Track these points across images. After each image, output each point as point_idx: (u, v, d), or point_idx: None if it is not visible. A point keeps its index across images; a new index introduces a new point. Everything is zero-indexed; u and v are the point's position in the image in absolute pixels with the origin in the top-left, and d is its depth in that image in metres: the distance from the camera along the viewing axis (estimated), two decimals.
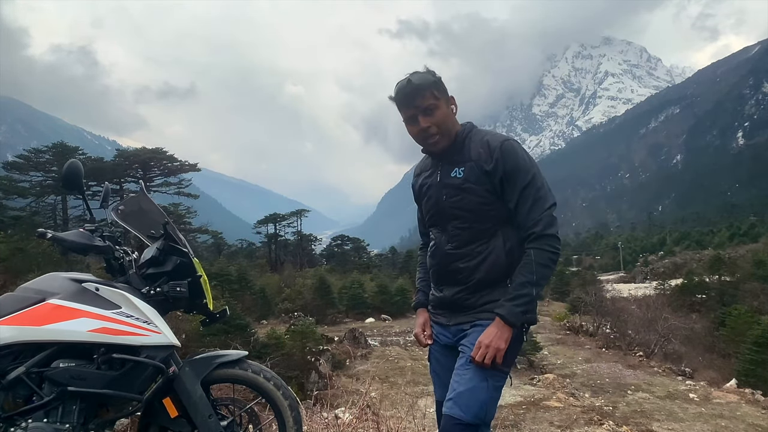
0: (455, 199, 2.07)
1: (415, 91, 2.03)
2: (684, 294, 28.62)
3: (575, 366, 13.92)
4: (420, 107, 2.03)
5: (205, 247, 38.36)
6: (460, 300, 2.09)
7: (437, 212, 2.15)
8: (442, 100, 2.06)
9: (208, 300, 2.25)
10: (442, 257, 2.14)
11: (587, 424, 6.87)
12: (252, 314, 18.66)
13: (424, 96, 2.03)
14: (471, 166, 2.06)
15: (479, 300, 2.06)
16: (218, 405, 2.24)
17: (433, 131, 2.05)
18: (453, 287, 2.11)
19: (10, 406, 1.94)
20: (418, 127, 2.06)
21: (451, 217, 2.10)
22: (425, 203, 2.22)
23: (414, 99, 2.03)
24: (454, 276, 2.10)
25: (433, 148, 2.10)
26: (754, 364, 13.96)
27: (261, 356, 10.35)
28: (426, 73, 2.07)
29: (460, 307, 2.10)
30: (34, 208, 27.48)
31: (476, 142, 2.09)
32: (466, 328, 2.07)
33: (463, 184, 2.05)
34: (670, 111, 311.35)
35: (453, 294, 2.11)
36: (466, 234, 2.07)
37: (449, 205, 2.09)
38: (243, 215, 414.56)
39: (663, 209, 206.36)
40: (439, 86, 2.07)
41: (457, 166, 2.08)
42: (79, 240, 2.09)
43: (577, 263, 65.94)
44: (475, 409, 1.92)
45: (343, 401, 4.67)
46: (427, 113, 2.04)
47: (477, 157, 2.06)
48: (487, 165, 2.03)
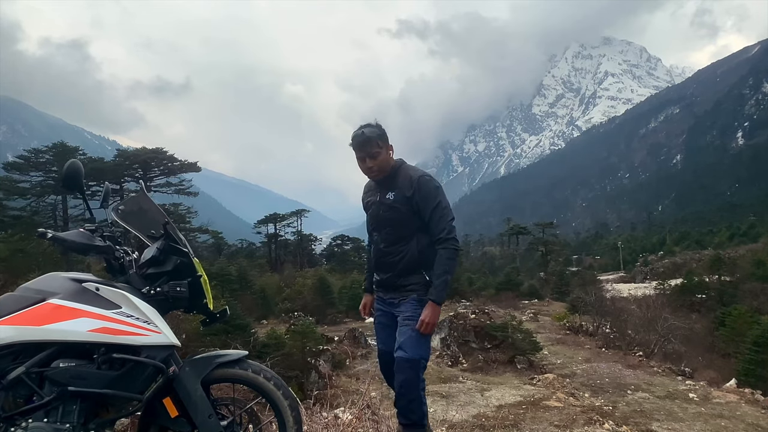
0: (387, 214, 2.99)
1: (366, 141, 2.91)
2: (684, 294, 28.63)
3: (575, 366, 13.92)
4: (368, 152, 2.93)
5: (206, 246, 38.38)
6: (390, 281, 3.06)
7: (376, 221, 3.08)
8: (384, 147, 2.94)
9: (208, 300, 2.25)
10: (378, 252, 3.09)
11: (587, 424, 6.87)
12: (252, 314, 18.67)
13: (371, 144, 2.92)
14: (398, 192, 2.97)
15: (403, 282, 3.01)
16: (218, 405, 2.24)
17: (375, 169, 2.97)
18: (386, 273, 3.07)
19: (10, 405, 1.95)
20: (366, 166, 2.98)
21: (384, 225, 3.03)
22: (370, 215, 3.13)
23: (364, 147, 2.92)
24: (386, 265, 3.05)
25: (374, 178, 3.05)
26: (754, 363, 13.97)
27: (261, 356, 10.35)
28: (375, 128, 2.93)
29: (391, 286, 3.07)
30: (34, 208, 27.49)
31: (403, 176, 2.99)
32: (395, 302, 3.05)
33: (393, 204, 2.98)
34: (669, 111, 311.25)
35: (386, 278, 3.07)
36: (392, 237, 3.01)
37: (384, 217, 3.01)
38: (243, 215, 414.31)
39: (663, 209, 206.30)
40: (383, 137, 2.94)
41: (390, 190, 3.00)
42: (79, 240, 2.09)
43: (577, 263, 65.88)
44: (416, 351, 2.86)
45: (342, 401, 4.67)
46: (372, 156, 2.94)
47: (402, 186, 2.97)
48: (408, 192, 2.95)
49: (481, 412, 8.08)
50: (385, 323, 3.15)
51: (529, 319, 21.86)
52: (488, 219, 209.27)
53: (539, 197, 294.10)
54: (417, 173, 3.00)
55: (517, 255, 61.57)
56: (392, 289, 3.06)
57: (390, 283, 3.05)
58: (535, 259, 54.82)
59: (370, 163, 2.93)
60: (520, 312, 23.41)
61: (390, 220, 2.98)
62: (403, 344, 2.89)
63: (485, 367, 13.56)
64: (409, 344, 2.88)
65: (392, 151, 3.02)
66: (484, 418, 7.37)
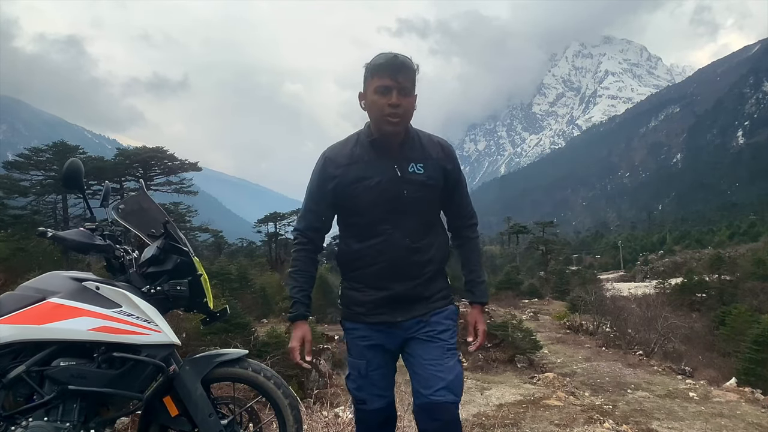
0: (417, 194, 2.08)
1: (402, 67, 2.01)
2: (684, 293, 28.62)
3: (575, 365, 13.92)
4: (402, 84, 2.00)
5: (206, 245, 38.37)
6: (415, 294, 2.11)
7: (393, 207, 2.07)
8: (414, 91, 2.07)
9: (208, 299, 2.25)
10: (399, 252, 2.08)
11: (587, 423, 6.87)
12: (252, 313, 18.65)
13: (407, 76, 2.02)
14: (432, 163, 2.12)
15: (430, 291, 2.14)
16: (218, 404, 2.24)
17: (400, 112, 2.02)
18: (407, 282, 2.10)
19: (10, 404, 1.95)
20: (389, 100, 2.00)
21: (409, 212, 2.08)
22: (369, 196, 2.07)
23: (398, 73, 2.00)
24: (410, 270, 2.10)
25: (391, 128, 2.04)
26: (754, 362, 13.98)
27: (261, 355, 10.34)
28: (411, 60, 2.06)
29: (415, 300, 2.11)
30: (34, 207, 27.46)
31: (428, 141, 2.17)
32: (424, 319, 2.12)
33: (427, 181, 2.09)
34: (670, 110, 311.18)
35: (408, 288, 2.10)
36: (423, 228, 2.13)
37: (411, 199, 2.07)
38: (243, 214, 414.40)
39: (663, 208, 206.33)
40: (415, 78, 2.06)
41: (414, 162, 2.10)
42: (79, 239, 2.09)
43: (577, 262, 65.89)
44: (461, 389, 2.11)
45: (342, 400, 4.68)
46: (403, 93, 2.01)
47: (437, 155, 2.15)
48: (448, 164, 2.17)
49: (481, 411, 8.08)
50: (381, 363, 2.17)
51: (529, 318, 21.85)
52: (488, 218, 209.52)
53: (539, 196, 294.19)
54: (443, 140, 2.25)
55: (517, 254, 61.51)
56: (415, 302, 2.12)
57: (412, 296, 2.11)
58: (535, 258, 54.80)
59: (399, 100, 2.01)
60: (520, 311, 23.40)
61: (420, 203, 2.10)
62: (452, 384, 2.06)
63: (485, 366, 13.55)
64: (458, 383, 2.09)
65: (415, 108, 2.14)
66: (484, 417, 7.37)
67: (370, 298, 2.13)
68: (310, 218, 2.20)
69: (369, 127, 2.14)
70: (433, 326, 2.12)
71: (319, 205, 2.19)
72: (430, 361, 2.08)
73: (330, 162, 2.15)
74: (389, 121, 2.03)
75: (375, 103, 2.03)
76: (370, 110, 2.08)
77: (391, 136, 2.08)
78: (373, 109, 2.06)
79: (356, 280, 2.17)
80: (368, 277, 2.12)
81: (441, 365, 2.07)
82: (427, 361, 2.08)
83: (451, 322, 2.17)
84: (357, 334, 2.18)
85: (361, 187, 2.08)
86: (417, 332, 2.12)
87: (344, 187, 2.10)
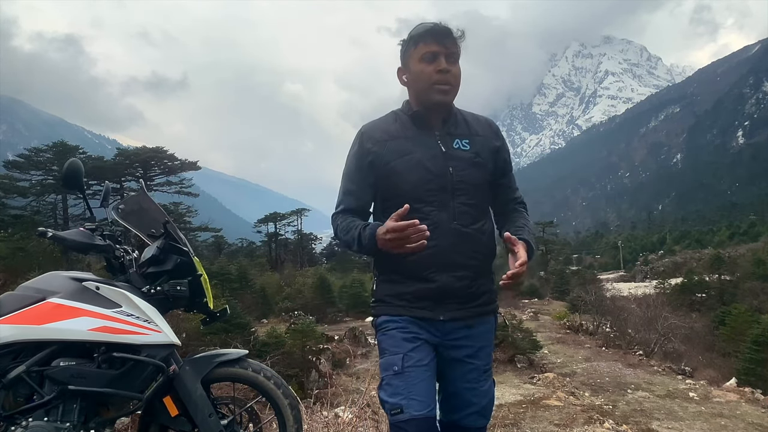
0: (465, 172, 1.90)
1: (448, 32, 1.86)
2: (684, 293, 28.65)
3: (575, 365, 13.92)
4: (449, 49, 1.85)
5: (206, 246, 38.36)
6: (461, 288, 1.87)
7: (439, 186, 1.87)
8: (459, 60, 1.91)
9: (208, 299, 2.25)
10: (445, 237, 1.84)
11: (587, 423, 6.87)
12: (252, 313, 18.66)
13: (455, 42, 1.87)
14: (480, 140, 1.96)
15: (479, 288, 1.92)
16: (218, 404, 2.24)
17: (451, 79, 1.87)
18: (454, 272, 1.86)
19: (10, 404, 1.95)
20: (438, 66, 1.84)
21: (457, 192, 1.88)
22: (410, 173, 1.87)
23: (446, 38, 1.85)
24: (458, 259, 1.86)
25: (441, 97, 1.87)
26: (754, 363, 13.98)
27: (261, 355, 10.34)
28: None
29: (460, 296, 1.88)
30: (34, 207, 27.46)
31: (473, 119, 2.02)
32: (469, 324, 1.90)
33: (474, 158, 1.92)
34: (670, 110, 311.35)
35: (454, 280, 1.86)
36: (472, 211, 1.90)
37: (457, 178, 1.88)
38: (243, 214, 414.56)
39: (663, 208, 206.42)
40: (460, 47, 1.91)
41: (459, 138, 1.94)
42: (79, 239, 2.09)
43: (577, 262, 65.92)
44: (492, 410, 1.98)
45: (343, 400, 4.68)
46: (452, 60, 1.87)
47: (484, 133, 1.99)
48: (496, 142, 2.01)
49: None
50: (422, 359, 1.84)
51: (529, 318, 21.85)
52: None
53: (539, 196, 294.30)
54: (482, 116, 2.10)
55: None
56: (459, 300, 1.89)
57: (460, 290, 1.88)
58: (535, 258, 54.80)
59: (449, 65, 1.85)
60: (520, 311, 23.41)
61: (468, 182, 1.90)
62: (485, 409, 1.95)
63: None
64: (490, 405, 1.98)
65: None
66: None
67: (411, 289, 1.88)
68: (349, 201, 1.98)
69: (408, 103, 2.00)
70: (474, 340, 1.92)
71: (358, 184, 1.97)
72: (465, 385, 1.93)
73: (367, 137, 1.96)
74: (439, 89, 1.87)
75: (422, 72, 1.87)
76: (415, 82, 1.91)
77: (441, 106, 1.92)
78: (419, 80, 1.89)
79: (395, 271, 1.91)
80: (410, 267, 1.86)
81: (476, 390, 1.93)
82: (462, 384, 1.93)
83: (491, 336, 2.01)
84: (394, 326, 1.88)
85: (402, 162, 1.88)
86: (456, 343, 1.90)
87: (383, 164, 1.90)
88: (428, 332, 1.88)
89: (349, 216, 1.95)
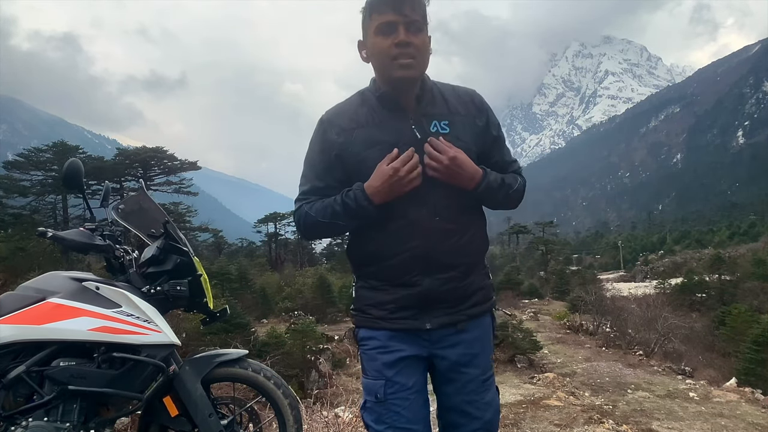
0: None
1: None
2: (684, 293, 28.64)
3: (575, 365, 13.92)
4: (408, 18, 1.58)
5: (206, 245, 38.38)
6: (448, 291, 1.66)
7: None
8: (426, 28, 1.65)
9: (208, 299, 2.25)
10: (427, 236, 1.62)
11: (587, 423, 6.87)
12: (252, 313, 18.68)
13: (415, 8, 1.60)
14: (461, 120, 1.69)
15: (470, 287, 1.70)
16: (218, 404, 2.24)
17: (412, 51, 1.59)
18: (440, 273, 1.65)
19: (10, 404, 1.95)
20: (396, 39, 1.58)
21: (437, 184, 1.62)
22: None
23: (403, 5, 1.58)
24: (444, 258, 1.64)
25: (402, 72, 1.60)
26: (754, 363, 13.98)
27: (261, 355, 10.35)
28: None
29: (447, 300, 1.67)
30: (34, 207, 27.48)
31: (452, 94, 1.74)
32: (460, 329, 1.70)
33: (455, 142, 1.62)
34: (670, 110, 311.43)
35: (441, 283, 1.65)
36: (456, 203, 1.66)
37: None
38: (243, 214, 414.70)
39: (663, 208, 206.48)
40: (426, 11, 1.65)
41: (436, 119, 1.67)
42: (79, 239, 2.09)
43: (577, 262, 65.90)
44: (498, 423, 1.79)
45: (343, 400, 4.68)
46: (413, 29, 1.60)
47: (466, 111, 1.72)
48: (479, 119, 1.73)
49: None
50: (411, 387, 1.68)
51: (529, 318, 21.86)
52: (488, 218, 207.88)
53: (539, 196, 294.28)
54: (469, 90, 1.81)
55: (517, 254, 61.51)
56: (446, 304, 1.68)
57: (448, 293, 1.67)
58: (535, 258, 54.83)
59: (408, 37, 1.59)
60: (520, 311, 23.42)
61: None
62: (489, 423, 1.74)
63: None
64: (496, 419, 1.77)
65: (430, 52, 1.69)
66: None
67: (392, 297, 1.67)
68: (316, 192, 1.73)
69: (374, 81, 1.72)
70: (468, 347, 1.71)
71: (325, 180, 1.72)
72: (464, 398, 1.72)
73: (330, 126, 1.71)
74: (401, 63, 1.59)
75: (378, 45, 1.61)
76: (374, 58, 1.66)
77: (404, 84, 1.64)
78: (377, 55, 1.64)
79: (374, 277, 1.70)
80: (390, 272, 1.66)
81: (476, 403, 1.72)
82: (460, 397, 1.72)
83: (489, 339, 1.79)
84: (374, 345, 1.69)
85: (371, 153, 1.62)
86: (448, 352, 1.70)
87: (350, 157, 1.66)
88: (414, 345, 1.68)
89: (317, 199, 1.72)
